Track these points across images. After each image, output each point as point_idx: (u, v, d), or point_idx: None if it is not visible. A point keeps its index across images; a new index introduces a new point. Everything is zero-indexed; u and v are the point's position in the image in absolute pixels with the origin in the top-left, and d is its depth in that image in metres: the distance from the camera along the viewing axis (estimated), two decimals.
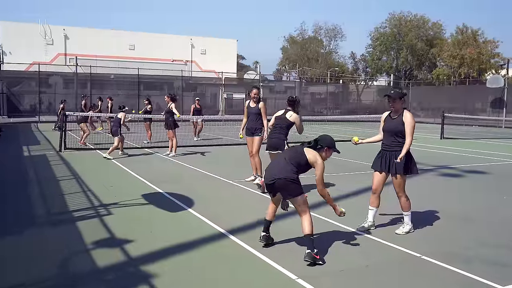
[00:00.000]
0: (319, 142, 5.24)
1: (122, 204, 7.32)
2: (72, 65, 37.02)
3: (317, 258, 4.80)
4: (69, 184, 9.05)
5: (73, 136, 17.54)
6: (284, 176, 5.02)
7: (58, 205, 7.31)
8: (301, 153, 5.16)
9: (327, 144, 5.26)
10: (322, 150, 5.24)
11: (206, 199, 7.88)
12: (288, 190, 5.05)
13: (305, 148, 5.23)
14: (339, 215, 5.32)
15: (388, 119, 6.08)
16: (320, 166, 5.11)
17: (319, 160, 5.12)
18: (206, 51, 55.23)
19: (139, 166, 11.62)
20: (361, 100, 53.93)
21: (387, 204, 7.08)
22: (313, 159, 5.12)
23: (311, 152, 5.18)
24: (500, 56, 53.85)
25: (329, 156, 5.31)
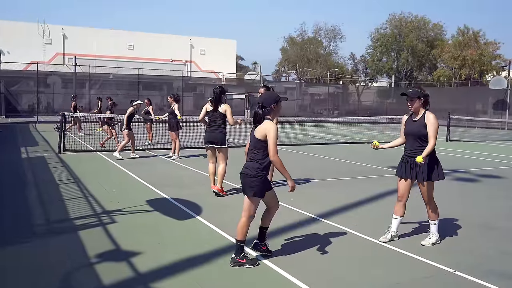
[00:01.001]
0: (264, 104, 4.76)
1: (126, 211, 6.91)
2: (71, 64, 36.60)
3: (242, 262, 4.72)
4: (69, 188, 8.64)
5: (72, 137, 17.10)
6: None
7: (58, 211, 6.90)
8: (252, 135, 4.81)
9: (272, 100, 4.81)
10: (271, 110, 4.78)
11: (213, 205, 7.48)
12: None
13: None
14: (291, 189, 4.80)
15: (408, 121, 5.68)
16: (271, 132, 4.60)
17: (268, 126, 4.64)
18: (206, 52, 54.94)
19: (141, 168, 11.21)
20: (361, 101, 53.57)
21: (406, 211, 6.67)
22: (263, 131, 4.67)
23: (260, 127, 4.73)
24: (501, 58, 53.60)
25: (280, 109, 4.88)
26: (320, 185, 9.56)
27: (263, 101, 4.80)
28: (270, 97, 4.87)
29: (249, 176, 4.71)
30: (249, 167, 4.74)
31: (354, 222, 6.57)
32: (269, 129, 4.60)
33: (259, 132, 4.66)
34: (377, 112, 48.31)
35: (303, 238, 5.81)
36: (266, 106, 4.76)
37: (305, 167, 11.97)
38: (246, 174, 4.74)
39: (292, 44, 72.80)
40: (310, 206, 7.38)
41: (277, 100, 4.84)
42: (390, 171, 11.60)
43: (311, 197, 8.33)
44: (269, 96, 4.93)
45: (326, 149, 16.49)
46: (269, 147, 4.58)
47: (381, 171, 11.66)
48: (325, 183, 9.85)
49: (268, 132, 4.59)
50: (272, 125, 4.64)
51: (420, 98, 5.53)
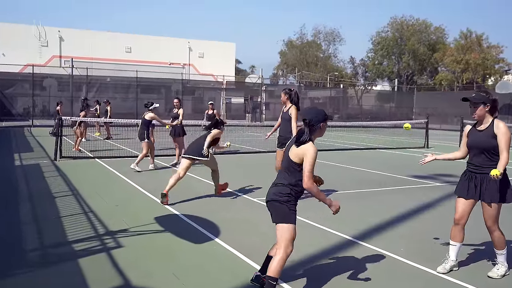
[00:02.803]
0: (312, 122, 3.99)
1: (133, 232, 6.00)
2: (67, 67, 35.64)
3: None
4: (67, 202, 7.72)
5: (70, 142, 16.15)
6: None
7: (54, 232, 5.98)
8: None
9: (321, 118, 4.05)
10: (316, 130, 4.04)
11: (231, 223, 6.59)
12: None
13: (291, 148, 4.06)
14: (335, 212, 4.17)
15: (473, 132, 4.81)
16: (309, 155, 3.89)
17: (307, 149, 3.92)
18: (204, 55, 54.16)
19: (144, 178, 10.32)
20: (361, 105, 52.77)
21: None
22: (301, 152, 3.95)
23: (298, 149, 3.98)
24: (504, 62, 53.04)
25: (325, 130, 4.15)
26: (344, 198, 8.62)
27: (312, 118, 4.00)
28: (320, 114, 4.06)
29: (279, 202, 3.98)
30: (279, 192, 4.00)
31: (398, 245, 5.69)
32: (308, 152, 3.87)
33: (296, 154, 3.95)
34: (378, 116, 47.60)
35: (339, 266, 4.93)
36: (314, 124, 4.00)
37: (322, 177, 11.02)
38: (275, 200, 4.02)
39: (291, 47, 72.04)
40: (342, 225, 6.48)
41: (326, 118, 4.08)
42: (413, 181, 10.76)
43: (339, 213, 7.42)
44: (318, 112, 4.09)
45: (336, 156, 15.60)
46: (304, 173, 3.85)
47: (403, 181, 10.78)
48: (348, 196, 8.95)
49: (306, 155, 3.87)
50: (312, 147, 3.90)
51: (486, 104, 4.67)
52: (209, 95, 46.63)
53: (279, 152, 8.08)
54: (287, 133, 7.88)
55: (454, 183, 10.69)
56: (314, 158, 3.85)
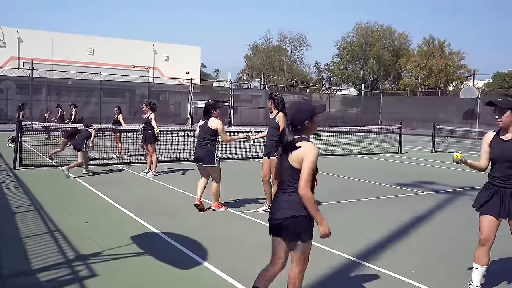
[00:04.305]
0: (294, 122, 3.46)
1: (108, 255, 5.23)
2: (27, 68, 34.01)
3: None
4: (28, 218, 6.86)
5: (31, 149, 15.06)
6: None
7: (15, 258, 5.15)
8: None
9: (306, 114, 3.46)
10: (303, 129, 3.46)
11: (217, 243, 5.90)
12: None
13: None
14: (322, 234, 3.48)
15: (496, 141, 4.29)
16: (308, 157, 3.34)
17: (306, 150, 3.37)
18: (169, 58, 53.17)
19: (114, 189, 9.48)
20: (328, 110, 52.78)
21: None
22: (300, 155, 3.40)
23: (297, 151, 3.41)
24: (466, 68, 54.13)
25: (317, 125, 3.56)
26: (332, 209, 8.07)
27: (293, 117, 3.46)
28: (301, 111, 3.47)
29: (294, 216, 3.36)
30: (291, 204, 3.38)
31: (406, 266, 5.14)
32: (306, 153, 3.34)
33: (296, 158, 3.38)
34: (343, 120, 47.72)
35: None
36: (297, 124, 3.44)
37: None
38: (289, 217, 3.37)
39: (256, 51, 71.69)
40: (338, 242, 5.86)
41: (312, 114, 3.46)
42: (398, 190, 10.32)
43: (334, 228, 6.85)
44: (298, 110, 3.50)
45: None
46: (301, 176, 3.30)
47: (388, 190, 10.32)
48: (337, 207, 8.38)
49: (304, 157, 3.33)
50: (312, 148, 3.35)
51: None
52: (174, 99, 45.66)
53: (266, 160, 7.45)
54: (275, 141, 7.23)
55: (440, 192, 10.45)
56: (313, 160, 3.31)
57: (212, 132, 7.42)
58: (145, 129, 11.63)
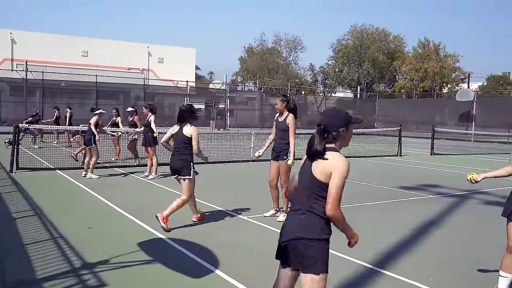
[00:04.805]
0: (327, 127, 3.02)
1: (115, 263, 5.03)
2: (21, 70, 33.65)
3: None
4: (29, 224, 6.63)
5: (27, 153, 14.79)
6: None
7: (18, 266, 4.93)
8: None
9: (341, 120, 3.06)
10: (338, 136, 3.05)
11: (226, 249, 5.71)
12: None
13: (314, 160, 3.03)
14: (353, 244, 3.21)
15: None
16: (339, 170, 2.91)
17: (336, 162, 2.93)
18: (164, 60, 52.96)
19: (115, 193, 9.27)
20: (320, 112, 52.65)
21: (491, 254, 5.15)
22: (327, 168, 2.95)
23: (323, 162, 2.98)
24: (460, 70, 54.25)
25: (351, 136, 3.15)
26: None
27: (327, 122, 3.03)
28: (337, 117, 3.07)
29: (307, 239, 2.90)
30: (306, 226, 2.92)
31: (424, 273, 4.97)
32: (336, 166, 2.89)
33: (321, 170, 2.93)
34: None
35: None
36: (331, 130, 3.01)
37: None
38: (301, 238, 2.91)
39: (251, 54, 71.56)
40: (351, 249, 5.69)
41: (348, 122, 3.08)
42: (404, 193, 10.15)
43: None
44: (336, 115, 3.10)
45: None
46: (329, 195, 2.86)
47: (394, 193, 10.16)
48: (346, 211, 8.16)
49: (334, 171, 2.88)
50: (343, 161, 2.92)
51: None
52: (169, 101, 45.37)
53: (274, 164, 7.26)
54: (284, 144, 7.09)
55: (446, 195, 10.31)
56: (344, 175, 2.89)
57: (188, 140, 6.69)
58: (145, 132, 11.42)
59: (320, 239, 2.90)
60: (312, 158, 3.01)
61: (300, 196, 3.04)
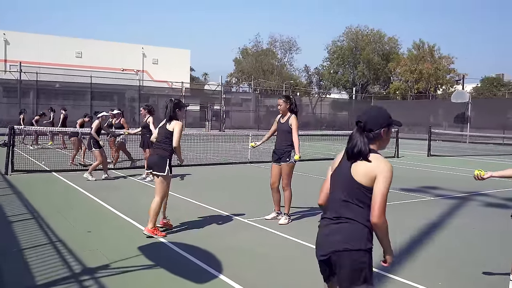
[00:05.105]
0: (368, 125, 2.80)
1: (116, 268, 4.91)
2: (15, 71, 33.37)
3: None
4: (27, 228, 6.50)
5: (22, 155, 14.60)
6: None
7: (17, 272, 4.80)
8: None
9: (384, 120, 2.85)
10: (377, 137, 2.83)
11: (231, 253, 5.60)
12: None
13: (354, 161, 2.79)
14: (389, 263, 2.96)
15: None
16: (385, 174, 2.70)
17: (381, 165, 2.72)
18: (158, 61, 52.82)
19: (113, 195, 9.14)
20: (320, 113, 52.70)
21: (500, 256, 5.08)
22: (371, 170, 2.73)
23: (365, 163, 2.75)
24: (455, 72, 54.46)
25: (390, 138, 2.93)
26: None
27: (368, 120, 2.80)
28: (380, 116, 2.84)
29: (354, 250, 2.68)
30: (349, 235, 2.70)
31: (432, 278, 4.89)
32: (383, 169, 2.67)
33: (364, 173, 2.70)
34: (334, 124, 47.59)
35: None
36: (373, 129, 2.79)
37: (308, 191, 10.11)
38: (345, 250, 2.68)
39: (246, 55, 71.50)
40: None
41: (390, 123, 2.86)
42: (403, 195, 10.08)
43: None
44: (379, 113, 2.86)
45: (311, 167, 14.73)
46: (375, 201, 2.65)
47: (393, 195, 10.04)
48: None
49: (379, 175, 2.67)
50: (388, 163, 2.71)
51: None
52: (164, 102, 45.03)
53: (276, 167, 7.16)
54: (286, 146, 6.99)
55: (447, 197, 10.24)
56: (390, 179, 2.68)
57: (170, 134, 6.31)
58: (143, 133, 11.28)
59: (366, 250, 2.70)
60: (353, 159, 2.76)
61: (336, 202, 2.80)
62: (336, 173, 2.87)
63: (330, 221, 2.78)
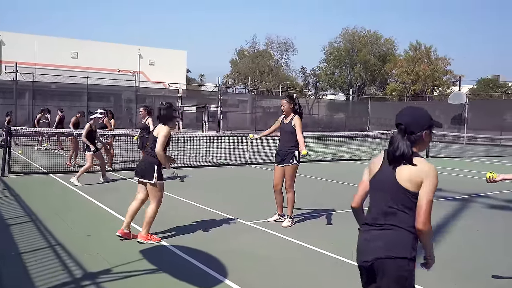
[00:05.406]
0: (410, 127, 2.70)
1: (119, 273, 4.78)
2: (10, 72, 33.14)
3: None
4: (25, 231, 6.36)
5: (19, 156, 14.44)
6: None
7: (16, 276, 4.68)
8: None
9: (425, 122, 2.75)
10: (418, 140, 2.72)
11: (235, 257, 5.49)
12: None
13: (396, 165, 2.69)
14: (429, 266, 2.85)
15: None
16: (431, 179, 2.60)
17: (427, 169, 2.62)
18: (155, 62, 52.62)
19: (112, 197, 9.02)
20: (312, 115, 52.69)
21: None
22: (417, 174, 2.63)
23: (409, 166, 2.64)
24: (452, 73, 54.56)
25: (430, 140, 2.85)
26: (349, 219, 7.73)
27: (409, 122, 2.70)
28: (422, 118, 2.75)
29: (399, 258, 2.59)
30: (393, 241, 2.62)
31: (440, 280, 4.79)
32: (430, 174, 2.58)
33: (409, 177, 2.61)
34: (330, 126, 47.55)
35: None
36: (414, 131, 2.70)
37: (311, 193, 10.01)
38: (389, 258, 2.60)
39: (242, 56, 71.46)
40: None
41: (432, 125, 2.77)
42: None
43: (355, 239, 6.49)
44: (420, 115, 2.77)
45: (311, 168, 14.61)
46: (421, 206, 2.56)
47: None
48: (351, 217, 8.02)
49: (427, 178, 2.57)
50: (434, 168, 2.62)
51: None
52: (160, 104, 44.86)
53: (278, 168, 7.05)
54: (289, 147, 6.89)
55: (449, 199, 10.16)
56: (436, 184, 2.59)
57: (156, 140, 6.02)
58: (142, 134, 11.15)
59: (410, 258, 2.61)
60: (395, 163, 2.66)
61: (379, 207, 2.71)
62: (378, 178, 2.77)
63: (372, 227, 2.71)
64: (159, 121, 6.15)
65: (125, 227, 6.09)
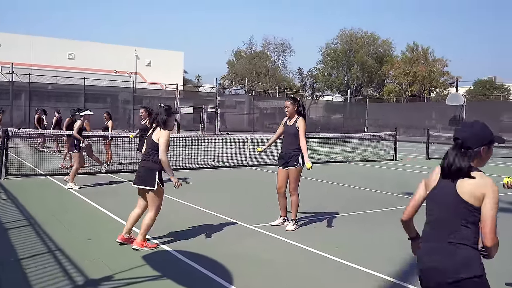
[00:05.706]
0: (467, 142, 2.64)
1: (122, 279, 4.65)
2: (6, 73, 32.91)
3: None
4: (24, 235, 6.22)
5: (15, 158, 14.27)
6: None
7: (16, 282, 4.54)
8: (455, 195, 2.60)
9: (485, 138, 2.70)
10: (475, 155, 2.66)
11: (240, 261, 5.38)
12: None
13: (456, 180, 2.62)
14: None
15: None
16: (492, 194, 2.53)
17: (488, 184, 2.55)
18: (152, 63, 52.45)
19: (111, 200, 8.88)
20: (309, 116, 52.56)
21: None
22: (478, 190, 2.56)
23: (469, 181, 2.58)
24: (449, 75, 54.59)
25: (490, 156, 2.75)
26: (357, 223, 7.63)
27: (468, 138, 2.66)
28: (482, 133, 2.70)
29: (477, 277, 2.57)
30: (463, 260, 2.57)
31: None
32: (490, 189, 2.52)
33: (471, 192, 2.55)
34: (328, 127, 47.50)
35: None
36: (472, 147, 2.64)
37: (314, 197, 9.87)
38: (464, 278, 2.55)
39: (239, 57, 71.34)
40: (372, 262, 5.42)
41: (492, 141, 2.73)
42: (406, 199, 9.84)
43: (364, 244, 6.39)
44: (479, 131, 2.71)
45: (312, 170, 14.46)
46: (486, 223, 2.51)
47: (402, 200, 9.89)
48: (356, 220, 7.92)
49: (488, 193, 2.52)
50: (491, 183, 2.55)
51: None
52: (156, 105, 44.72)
53: (282, 171, 6.93)
54: (293, 150, 6.77)
55: None
56: (498, 199, 2.52)
57: (156, 146, 5.81)
58: (142, 136, 11.00)
59: (482, 275, 2.58)
60: (449, 178, 2.63)
61: (440, 223, 2.65)
62: (437, 192, 2.71)
63: (435, 244, 2.65)
64: (156, 124, 5.94)
65: (125, 233, 5.94)
